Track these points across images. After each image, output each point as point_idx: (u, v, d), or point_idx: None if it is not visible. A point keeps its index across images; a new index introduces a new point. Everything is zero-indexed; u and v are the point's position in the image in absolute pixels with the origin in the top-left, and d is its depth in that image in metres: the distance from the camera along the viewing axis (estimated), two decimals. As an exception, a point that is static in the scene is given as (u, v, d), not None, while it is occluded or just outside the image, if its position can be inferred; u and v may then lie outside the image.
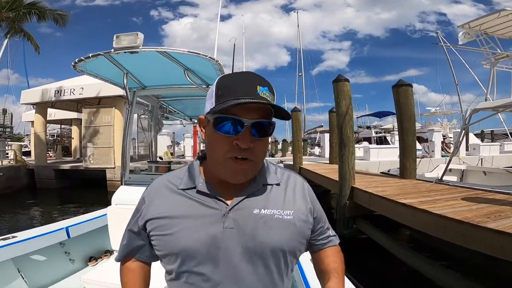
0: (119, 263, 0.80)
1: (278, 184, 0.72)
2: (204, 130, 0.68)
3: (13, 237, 2.04)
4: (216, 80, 0.65)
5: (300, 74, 35.09)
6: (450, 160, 6.16)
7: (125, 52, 1.89)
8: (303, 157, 10.79)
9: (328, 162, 10.84)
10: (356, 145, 12.48)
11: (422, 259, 3.66)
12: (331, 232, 0.82)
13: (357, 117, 28.61)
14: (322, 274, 0.80)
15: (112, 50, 1.90)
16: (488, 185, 5.30)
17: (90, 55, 1.97)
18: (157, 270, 0.74)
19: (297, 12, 37.17)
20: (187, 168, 0.73)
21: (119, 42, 1.84)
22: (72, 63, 2.07)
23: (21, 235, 2.10)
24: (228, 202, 0.66)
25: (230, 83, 0.63)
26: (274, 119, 0.65)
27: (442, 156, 12.02)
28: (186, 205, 0.66)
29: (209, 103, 0.65)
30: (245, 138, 0.60)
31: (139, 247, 0.74)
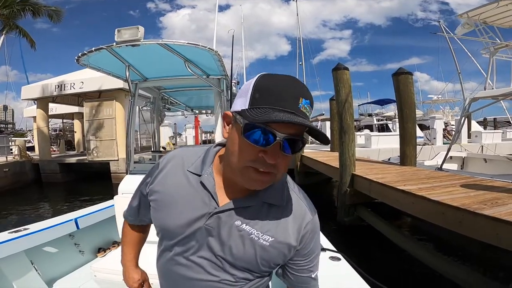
0: None
1: (278, 206, 0.67)
2: (227, 128, 0.63)
3: (25, 229, 2.07)
4: (255, 78, 0.59)
5: (300, 63, 34.62)
6: (449, 148, 6.20)
7: (126, 46, 1.93)
8: (305, 144, 10.83)
9: (329, 149, 10.92)
10: (357, 133, 12.53)
11: (420, 246, 3.72)
12: (313, 275, 0.73)
13: (358, 105, 28.56)
14: None
15: (114, 43, 1.94)
16: (488, 173, 5.34)
17: (93, 49, 2.01)
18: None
19: (296, 1, 36.29)
20: (204, 151, 0.72)
21: (121, 35, 1.88)
22: (76, 57, 2.10)
23: (32, 227, 2.13)
24: (221, 203, 0.66)
25: (271, 87, 0.56)
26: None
27: (444, 143, 12.04)
28: (184, 191, 0.68)
29: (242, 101, 0.58)
30: (274, 153, 0.56)
31: (145, 208, 0.80)
